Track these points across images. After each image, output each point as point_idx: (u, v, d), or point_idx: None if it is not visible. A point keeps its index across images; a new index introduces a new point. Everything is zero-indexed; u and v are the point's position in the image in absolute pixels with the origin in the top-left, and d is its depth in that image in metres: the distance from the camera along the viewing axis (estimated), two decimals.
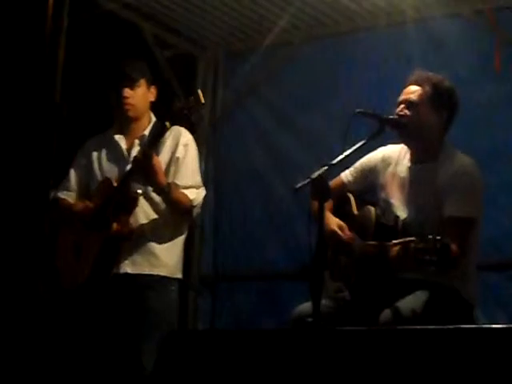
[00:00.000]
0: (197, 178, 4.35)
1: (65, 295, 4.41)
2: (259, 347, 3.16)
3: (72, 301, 4.33)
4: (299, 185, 3.59)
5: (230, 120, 6.56)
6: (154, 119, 4.42)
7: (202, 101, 4.11)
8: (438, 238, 3.35)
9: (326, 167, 3.61)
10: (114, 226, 4.12)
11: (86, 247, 4.21)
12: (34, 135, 5.01)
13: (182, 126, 4.31)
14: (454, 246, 3.43)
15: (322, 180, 3.57)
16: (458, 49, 5.57)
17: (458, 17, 5.69)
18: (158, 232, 4.26)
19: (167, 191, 4.16)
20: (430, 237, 3.36)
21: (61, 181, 4.51)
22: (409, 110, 3.90)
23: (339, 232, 3.91)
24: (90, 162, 4.41)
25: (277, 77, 6.33)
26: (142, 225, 4.23)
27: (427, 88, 3.91)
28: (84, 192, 4.41)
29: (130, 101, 4.31)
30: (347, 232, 3.92)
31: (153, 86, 4.40)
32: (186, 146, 4.34)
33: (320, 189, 3.55)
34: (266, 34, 6.07)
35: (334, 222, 3.96)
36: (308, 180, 3.55)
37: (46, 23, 4.79)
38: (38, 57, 4.89)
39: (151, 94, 4.39)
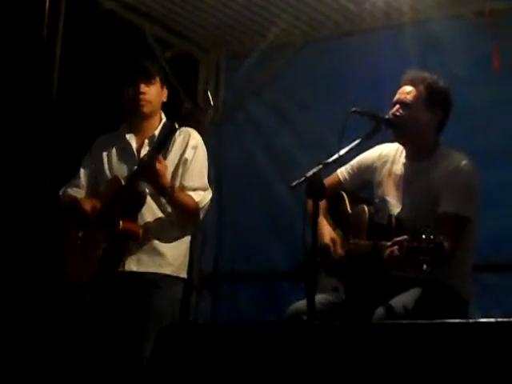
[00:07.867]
0: (204, 180, 4.33)
1: (68, 290, 4.42)
2: (253, 340, 3.18)
3: (76, 296, 4.34)
4: (295, 183, 3.62)
5: (230, 121, 6.60)
6: (164, 119, 4.40)
7: (212, 102, 4.09)
8: (432, 237, 3.37)
9: (321, 166, 3.65)
10: (122, 224, 4.11)
11: (92, 244, 4.22)
12: (31, 133, 5.02)
13: (190, 126, 4.29)
14: (446, 243, 3.45)
15: (317, 178, 3.60)
16: (456, 50, 5.59)
17: (458, 18, 5.71)
18: (165, 231, 4.26)
19: (170, 194, 4.16)
20: (424, 236, 3.38)
21: (62, 178, 4.51)
22: (403, 111, 3.94)
23: (331, 249, 3.94)
24: (100, 160, 4.40)
25: (277, 78, 6.36)
26: (149, 224, 4.22)
27: (421, 88, 3.95)
28: (93, 189, 4.41)
29: (145, 97, 4.29)
30: (338, 250, 3.95)
31: (165, 86, 4.38)
32: (195, 147, 4.33)
33: (315, 187, 3.58)
34: (266, 36, 6.11)
35: (327, 234, 3.99)
36: (303, 178, 3.58)
37: (43, 22, 4.80)
38: (35, 55, 4.90)
39: (164, 94, 4.38)
